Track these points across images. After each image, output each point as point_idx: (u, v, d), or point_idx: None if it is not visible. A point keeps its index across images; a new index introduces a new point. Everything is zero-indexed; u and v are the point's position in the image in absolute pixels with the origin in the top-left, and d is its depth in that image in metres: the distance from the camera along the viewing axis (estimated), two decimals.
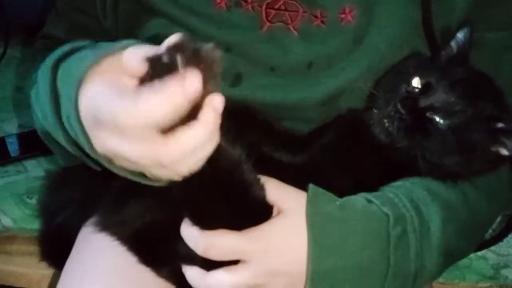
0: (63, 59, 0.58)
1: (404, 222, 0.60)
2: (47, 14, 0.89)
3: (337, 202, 0.60)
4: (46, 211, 0.84)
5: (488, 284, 1.11)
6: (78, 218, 0.76)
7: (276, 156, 0.70)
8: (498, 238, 0.85)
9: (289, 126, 0.75)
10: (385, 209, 0.60)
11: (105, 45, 0.56)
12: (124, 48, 0.52)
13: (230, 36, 0.73)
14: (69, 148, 0.58)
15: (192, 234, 0.59)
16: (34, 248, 0.90)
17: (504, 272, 1.10)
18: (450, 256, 0.66)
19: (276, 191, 0.62)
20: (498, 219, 0.89)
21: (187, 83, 0.45)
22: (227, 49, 0.73)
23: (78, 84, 0.51)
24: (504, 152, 0.66)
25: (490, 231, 0.87)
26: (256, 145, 0.71)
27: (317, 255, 0.57)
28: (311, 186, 0.61)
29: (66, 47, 0.61)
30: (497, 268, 1.10)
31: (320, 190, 0.61)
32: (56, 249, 0.82)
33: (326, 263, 0.58)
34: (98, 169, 0.59)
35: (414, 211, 0.61)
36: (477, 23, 0.71)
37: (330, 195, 0.61)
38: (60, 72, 0.57)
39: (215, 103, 0.49)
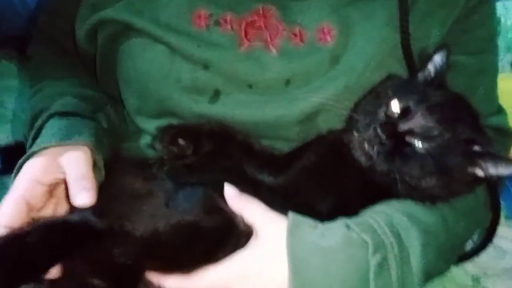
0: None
1: (384, 249, 0.61)
2: (28, 30, 0.91)
3: (317, 230, 0.61)
4: None
5: None
6: None
7: (259, 177, 0.71)
8: (478, 250, 0.87)
9: (268, 145, 0.76)
10: (364, 236, 0.60)
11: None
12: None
13: (209, 53, 0.73)
14: None
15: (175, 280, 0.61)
16: None
17: (483, 282, 1.12)
18: (429, 277, 0.67)
19: (257, 214, 0.63)
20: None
21: None
22: (205, 66, 0.74)
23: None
24: (480, 173, 0.68)
25: (470, 242, 0.89)
26: (237, 166, 0.72)
27: (298, 286, 0.58)
28: (291, 214, 0.62)
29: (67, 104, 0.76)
30: (477, 278, 1.12)
31: (301, 218, 0.62)
32: None
33: None
34: None
35: (394, 237, 0.62)
36: (452, 47, 0.73)
37: (310, 222, 0.62)
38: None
39: None
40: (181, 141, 0.71)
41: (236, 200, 0.63)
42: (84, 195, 0.62)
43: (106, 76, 0.81)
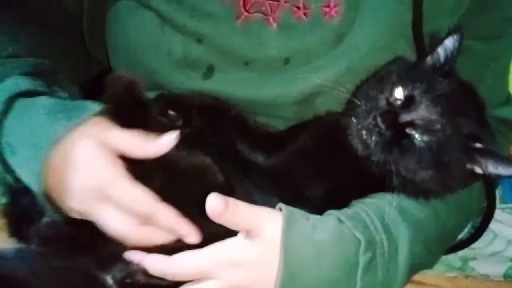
0: (20, 97, 0.61)
1: (374, 246, 0.60)
2: None
3: (310, 221, 0.59)
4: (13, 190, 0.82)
5: (455, 274, 1.15)
6: None
7: (252, 157, 0.69)
8: (471, 240, 0.85)
9: (263, 122, 0.72)
10: (357, 233, 0.59)
11: (72, 105, 0.60)
12: (98, 113, 0.58)
13: (202, 25, 0.69)
14: None
15: (158, 263, 0.58)
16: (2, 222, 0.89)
17: (472, 264, 1.13)
18: (415, 270, 0.66)
19: (248, 218, 0.59)
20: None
21: None
22: (199, 39, 0.69)
23: (53, 143, 0.56)
24: (479, 170, 0.66)
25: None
26: (228, 143, 0.69)
27: (287, 277, 0.57)
28: (283, 206, 0.59)
29: (25, 83, 0.62)
30: (465, 260, 1.13)
31: (293, 209, 0.60)
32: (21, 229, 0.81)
33: (294, 284, 0.57)
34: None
35: (385, 233, 0.61)
36: (465, 31, 0.68)
37: (302, 213, 0.60)
38: (20, 116, 0.60)
39: None
40: (171, 112, 0.68)
41: (221, 215, 0.57)
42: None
43: (94, 41, 0.77)
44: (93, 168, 0.56)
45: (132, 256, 0.60)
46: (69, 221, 0.63)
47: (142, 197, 0.56)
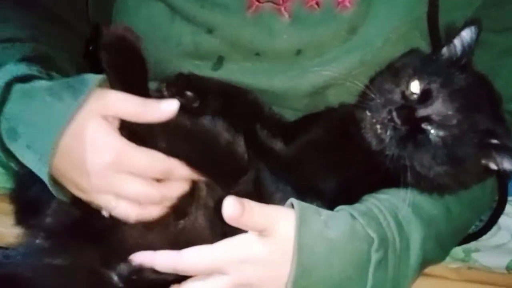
0: (19, 82, 0.59)
1: (387, 244, 0.59)
2: None
3: (322, 217, 0.58)
4: (20, 177, 0.81)
5: (458, 265, 1.15)
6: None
7: (270, 143, 0.67)
8: (481, 233, 0.85)
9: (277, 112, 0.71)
10: (370, 231, 0.58)
11: (75, 81, 0.59)
12: (99, 83, 0.58)
13: (213, 16, 0.67)
14: None
15: (168, 259, 0.58)
16: (9, 207, 0.88)
17: (474, 255, 1.13)
18: (427, 265, 0.66)
19: (262, 219, 0.57)
20: None
21: None
22: (209, 30, 0.68)
23: (66, 124, 0.56)
24: (493, 166, 0.65)
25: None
26: (247, 128, 0.68)
27: (299, 275, 0.56)
28: (295, 202, 0.58)
29: (21, 69, 0.60)
30: (468, 251, 1.12)
31: (305, 205, 0.59)
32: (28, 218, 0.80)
33: (306, 281, 0.57)
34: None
35: (397, 230, 0.60)
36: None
37: (314, 209, 0.59)
38: (22, 100, 0.59)
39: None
40: (188, 93, 0.66)
41: (238, 220, 0.56)
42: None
43: None
44: (105, 145, 0.58)
45: (140, 257, 0.60)
46: (75, 212, 0.63)
47: (156, 158, 0.59)
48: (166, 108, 0.59)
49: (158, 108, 0.59)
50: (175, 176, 0.61)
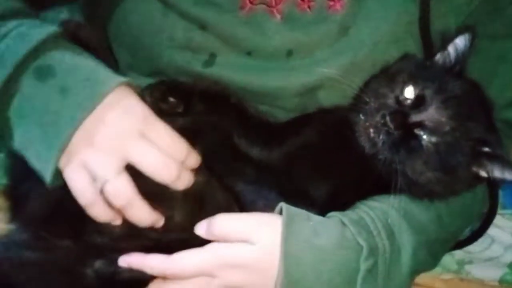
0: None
1: (376, 253, 0.59)
2: None
3: (311, 224, 0.58)
4: (14, 172, 0.81)
5: (450, 277, 1.14)
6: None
7: (250, 152, 0.67)
8: (470, 240, 0.85)
9: (264, 112, 0.71)
10: (360, 240, 0.58)
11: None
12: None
13: (206, 13, 0.68)
14: None
15: (158, 263, 0.58)
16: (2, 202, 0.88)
17: (468, 267, 1.13)
18: (418, 273, 0.66)
19: (243, 229, 0.59)
20: None
21: None
22: (202, 26, 0.68)
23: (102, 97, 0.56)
24: (483, 174, 0.65)
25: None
26: (226, 134, 0.68)
27: (287, 283, 0.56)
28: (284, 206, 0.59)
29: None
30: (461, 263, 1.12)
31: (294, 209, 0.59)
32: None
33: None
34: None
35: (388, 239, 0.60)
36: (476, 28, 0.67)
37: (303, 214, 0.60)
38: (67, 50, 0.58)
39: None
40: (171, 99, 0.67)
41: (212, 235, 0.58)
42: None
43: (94, 25, 0.75)
44: (137, 109, 0.58)
45: (129, 260, 0.60)
46: (55, 205, 0.63)
47: (179, 140, 0.60)
48: None
49: None
50: (187, 166, 0.61)
